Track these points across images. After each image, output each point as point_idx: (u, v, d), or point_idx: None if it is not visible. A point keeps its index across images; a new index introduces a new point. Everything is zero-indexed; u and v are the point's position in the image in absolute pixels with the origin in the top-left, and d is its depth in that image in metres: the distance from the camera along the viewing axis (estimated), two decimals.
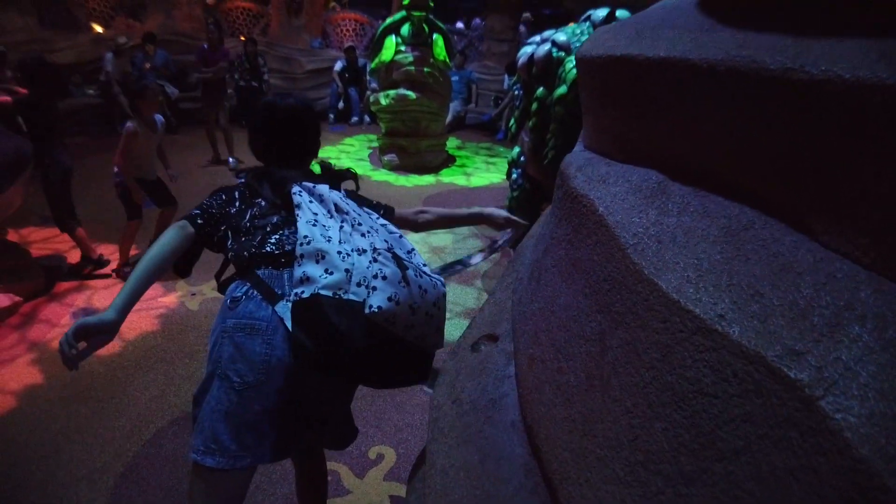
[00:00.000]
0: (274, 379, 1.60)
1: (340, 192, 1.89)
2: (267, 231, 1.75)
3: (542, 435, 1.12)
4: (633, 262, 0.97)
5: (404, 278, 1.58)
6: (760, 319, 0.78)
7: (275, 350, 1.59)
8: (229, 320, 1.64)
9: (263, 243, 1.72)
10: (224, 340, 1.62)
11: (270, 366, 1.59)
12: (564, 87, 4.02)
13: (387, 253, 1.61)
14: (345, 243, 1.62)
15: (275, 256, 1.69)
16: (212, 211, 1.83)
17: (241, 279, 1.71)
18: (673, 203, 1.06)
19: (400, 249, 1.72)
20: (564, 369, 1.08)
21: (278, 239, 1.73)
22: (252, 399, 1.59)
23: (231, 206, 1.85)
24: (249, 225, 1.77)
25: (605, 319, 1.01)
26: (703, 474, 0.77)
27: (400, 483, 2.72)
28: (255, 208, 1.82)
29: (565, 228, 1.25)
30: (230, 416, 1.58)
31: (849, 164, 0.79)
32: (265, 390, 1.59)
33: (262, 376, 1.59)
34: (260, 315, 1.61)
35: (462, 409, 1.40)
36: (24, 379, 3.49)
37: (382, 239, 1.71)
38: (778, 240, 0.89)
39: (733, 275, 0.86)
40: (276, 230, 1.75)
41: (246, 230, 1.76)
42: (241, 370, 1.59)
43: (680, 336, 0.84)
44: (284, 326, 1.60)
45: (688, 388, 0.81)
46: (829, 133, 0.81)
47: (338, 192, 1.85)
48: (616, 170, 1.23)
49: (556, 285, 1.22)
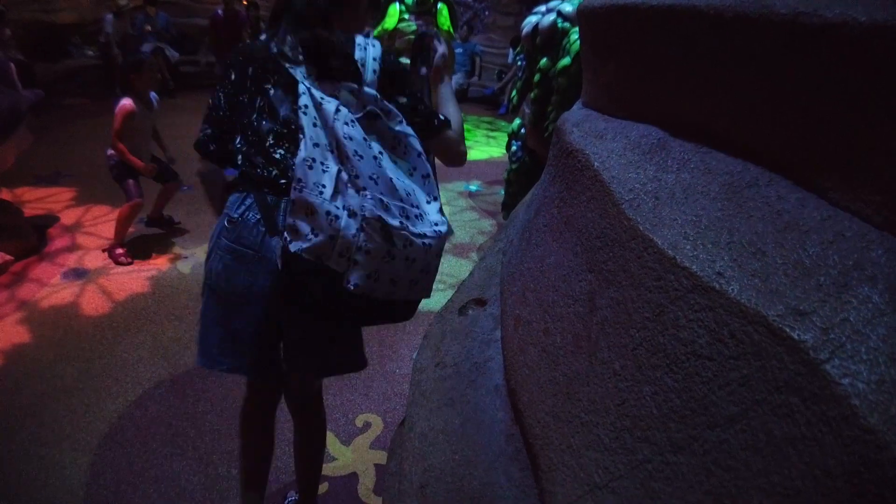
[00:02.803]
0: (254, 304, 1.66)
1: (354, 112, 1.60)
2: (270, 145, 1.65)
3: (524, 398, 1.07)
4: (628, 217, 0.91)
5: (389, 253, 1.48)
6: (762, 278, 0.72)
7: (257, 279, 1.63)
8: (223, 240, 1.66)
9: (267, 164, 1.64)
10: (216, 255, 1.68)
11: (252, 293, 1.65)
12: (568, 59, 3.93)
13: (375, 223, 1.46)
14: (337, 199, 1.48)
15: (276, 183, 1.63)
16: (219, 114, 1.75)
17: (242, 191, 1.68)
18: (673, 159, 1.00)
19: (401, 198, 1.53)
20: (551, 330, 1.02)
21: (280, 160, 1.64)
22: (234, 316, 1.69)
23: (242, 93, 1.73)
24: (256, 124, 1.68)
25: (596, 278, 0.95)
26: (693, 442, 0.72)
27: (385, 451, 2.68)
28: (262, 98, 1.68)
29: (558, 186, 1.19)
30: (216, 325, 1.72)
31: (863, 116, 0.73)
32: (246, 311, 1.67)
33: (243, 300, 1.66)
34: (249, 242, 1.62)
35: (445, 373, 1.34)
36: (11, 338, 3.44)
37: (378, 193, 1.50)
38: (783, 197, 0.83)
39: (734, 232, 0.80)
40: (279, 142, 1.65)
41: (253, 130, 1.67)
42: (225, 289, 1.67)
43: (674, 295, 0.78)
44: (270, 260, 1.60)
45: (681, 350, 0.76)
46: (842, 83, 0.74)
47: (348, 115, 1.56)
48: (614, 126, 1.17)
49: (546, 244, 1.16)
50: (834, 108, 0.76)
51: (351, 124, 1.52)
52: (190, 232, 5.05)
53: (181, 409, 2.92)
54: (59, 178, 6.09)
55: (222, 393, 3.02)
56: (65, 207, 5.33)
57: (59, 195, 5.64)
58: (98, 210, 5.30)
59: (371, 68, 1.67)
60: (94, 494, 2.41)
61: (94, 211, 5.27)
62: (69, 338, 3.45)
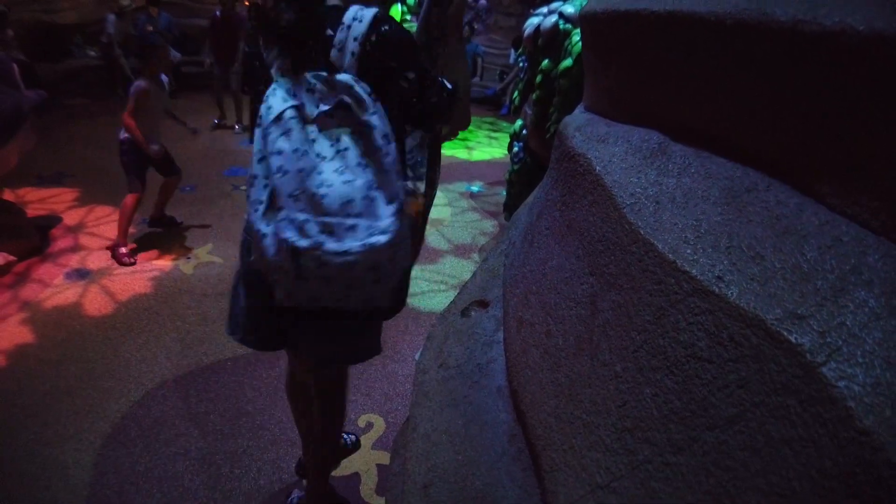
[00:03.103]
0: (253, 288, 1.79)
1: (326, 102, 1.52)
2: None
3: (527, 400, 1.08)
4: (630, 222, 0.92)
5: (299, 275, 1.48)
6: (761, 282, 0.73)
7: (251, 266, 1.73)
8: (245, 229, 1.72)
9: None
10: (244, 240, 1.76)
11: (247, 279, 1.80)
12: (570, 61, 3.93)
13: (283, 244, 1.46)
14: (268, 216, 1.49)
15: None
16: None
17: None
18: (673, 164, 1.01)
19: (328, 212, 1.46)
20: (553, 332, 1.04)
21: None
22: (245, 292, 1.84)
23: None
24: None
25: (598, 281, 0.96)
26: (693, 443, 0.73)
27: (387, 452, 2.69)
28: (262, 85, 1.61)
29: (561, 189, 1.20)
30: (235, 298, 1.89)
31: (861, 123, 0.74)
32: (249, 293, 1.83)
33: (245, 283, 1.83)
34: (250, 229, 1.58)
35: (448, 374, 1.35)
36: (15, 338, 3.45)
37: (295, 211, 1.46)
38: (782, 202, 0.84)
39: (733, 236, 0.82)
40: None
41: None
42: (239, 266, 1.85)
43: (675, 298, 0.80)
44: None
45: (681, 353, 0.77)
46: (842, 90, 0.75)
47: (292, 121, 1.48)
48: (616, 130, 1.18)
49: (548, 247, 1.17)
50: (833, 115, 0.77)
51: (287, 135, 1.46)
52: (192, 232, 5.06)
53: (184, 409, 2.93)
54: (62, 179, 6.10)
55: (225, 393, 3.04)
56: (67, 208, 5.34)
57: (61, 196, 5.65)
58: (101, 210, 5.31)
59: (350, 50, 1.55)
60: (98, 494, 2.42)
61: (97, 211, 5.28)
62: (72, 338, 3.46)
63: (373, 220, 1.47)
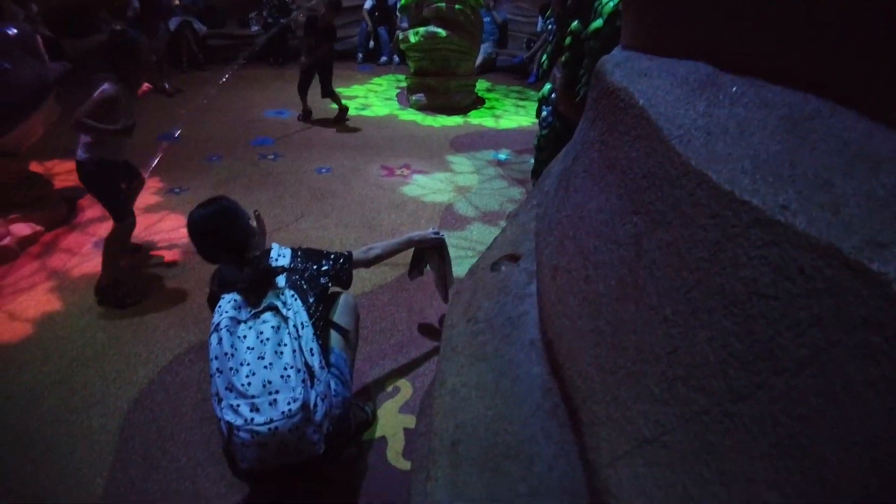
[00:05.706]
0: (229, 459, 2.08)
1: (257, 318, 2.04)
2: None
3: (563, 350, 1.01)
4: (679, 154, 0.84)
5: (242, 444, 1.88)
6: (832, 210, 0.65)
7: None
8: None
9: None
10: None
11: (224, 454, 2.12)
12: (600, 21, 3.80)
13: (232, 425, 1.87)
14: (224, 401, 1.89)
15: None
16: None
17: None
18: (724, 94, 0.92)
19: (253, 395, 1.89)
20: (592, 278, 0.96)
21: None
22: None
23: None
24: None
25: (642, 220, 0.88)
26: (757, 390, 0.65)
27: (414, 416, 2.65)
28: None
29: (599, 128, 1.11)
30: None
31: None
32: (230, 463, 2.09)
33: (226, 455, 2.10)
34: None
35: (477, 328, 1.28)
36: (43, 306, 3.46)
37: (232, 399, 1.90)
38: (850, 128, 0.75)
39: (797, 165, 0.73)
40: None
41: None
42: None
43: (732, 231, 0.71)
44: None
45: (741, 290, 0.69)
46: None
47: (226, 331, 1.98)
48: (659, 64, 1.09)
49: (586, 190, 1.08)
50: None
51: (220, 342, 1.95)
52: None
53: None
54: None
55: None
56: None
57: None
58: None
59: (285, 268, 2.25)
60: (123, 459, 2.41)
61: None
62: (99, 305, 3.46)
63: (288, 392, 1.89)
